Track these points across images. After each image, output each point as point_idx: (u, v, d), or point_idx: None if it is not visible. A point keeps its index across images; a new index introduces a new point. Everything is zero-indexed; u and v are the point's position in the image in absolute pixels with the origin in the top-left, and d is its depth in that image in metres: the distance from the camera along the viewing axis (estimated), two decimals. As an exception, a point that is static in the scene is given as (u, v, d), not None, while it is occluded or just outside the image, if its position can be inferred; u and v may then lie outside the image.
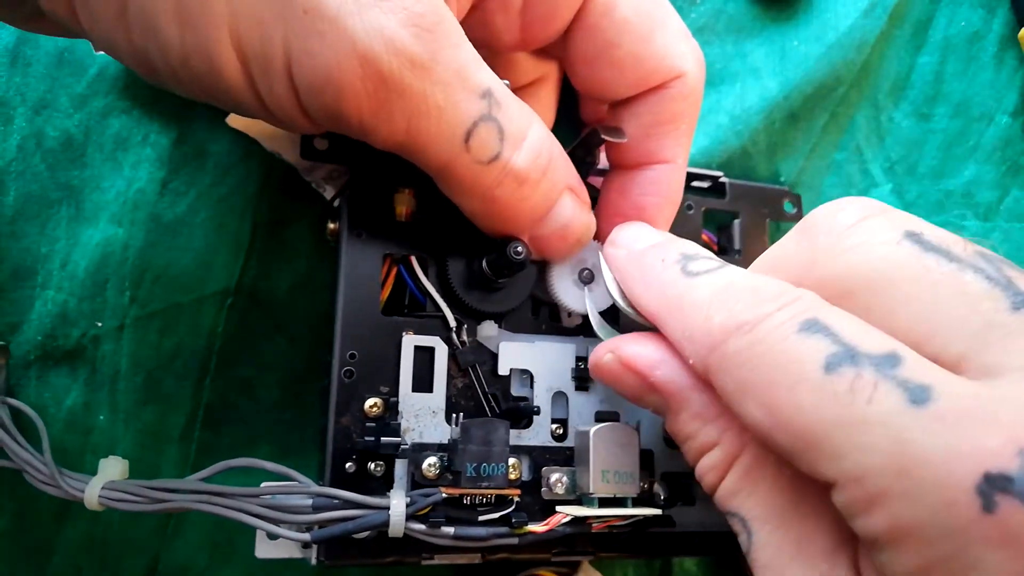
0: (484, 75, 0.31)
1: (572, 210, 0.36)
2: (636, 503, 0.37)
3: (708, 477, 0.30)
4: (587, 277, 0.39)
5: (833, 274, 0.27)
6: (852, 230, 0.28)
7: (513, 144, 0.32)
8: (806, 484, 0.27)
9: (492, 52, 0.40)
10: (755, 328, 0.26)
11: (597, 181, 0.41)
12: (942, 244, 0.26)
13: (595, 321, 0.37)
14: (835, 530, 0.26)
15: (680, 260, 0.32)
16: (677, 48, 0.37)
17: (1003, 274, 0.25)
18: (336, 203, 0.39)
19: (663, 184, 0.38)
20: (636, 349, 0.33)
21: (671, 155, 0.38)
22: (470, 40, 0.31)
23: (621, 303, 0.35)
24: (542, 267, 0.39)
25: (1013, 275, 0.25)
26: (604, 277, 0.36)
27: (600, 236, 0.38)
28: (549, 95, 0.44)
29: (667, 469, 0.40)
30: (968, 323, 0.24)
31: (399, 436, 0.35)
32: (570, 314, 0.40)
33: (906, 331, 0.25)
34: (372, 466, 0.35)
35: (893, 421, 0.22)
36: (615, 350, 0.33)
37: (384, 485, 0.35)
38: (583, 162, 0.40)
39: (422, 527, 0.33)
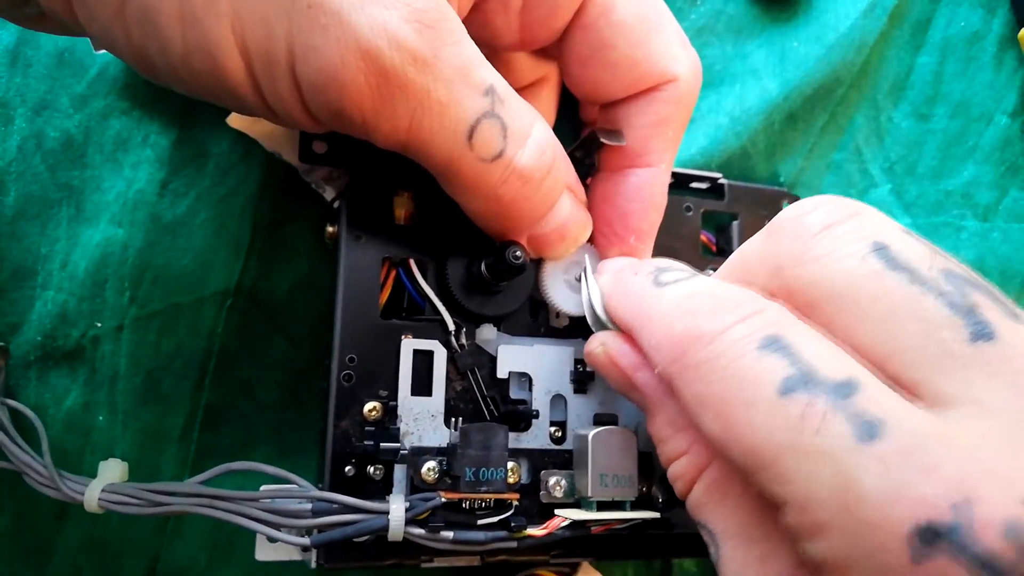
0: (486, 72, 0.31)
1: (570, 209, 0.36)
2: (634, 506, 0.37)
3: (677, 485, 0.31)
4: (580, 278, 0.39)
5: (798, 284, 0.27)
6: (817, 239, 0.27)
7: (517, 142, 0.32)
8: (766, 505, 0.27)
9: (492, 52, 0.40)
10: (714, 341, 0.26)
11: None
12: (908, 262, 0.26)
13: (590, 316, 0.37)
14: (792, 554, 0.26)
15: (653, 272, 0.32)
16: (672, 52, 0.37)
17: (967, 300, 0.24)
18: (335, 206, 0.39)
19: (646, 190, 0.38)
20: (621, 348, 0.33)
21: (657, 159, 0.38)
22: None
23: (603, 316, 0.35)
24: (535, 267, 0.39)
25: (978, 300, 0.24)
26: (588, 291, 0.36)
27: (589, 240, 0.39)
28: (549, 96, 0.44)
29: (665, 473, 0.40)
30: (925, 350, 0.24)
31: (398, 440, 0.35)
32: (558, 314, 0.40)
33: (867, 349, 0.25)
34: (371, 470, 0.35)
35: (839, 455, 0.22)
36: (605, 343, 0.34)
37: (383, 489, 0.35)
38: (581, 164, 0.40)
39: (421, 531, 0.33)
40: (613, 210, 0.38)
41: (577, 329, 0.40)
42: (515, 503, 0.35)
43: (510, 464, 0.36)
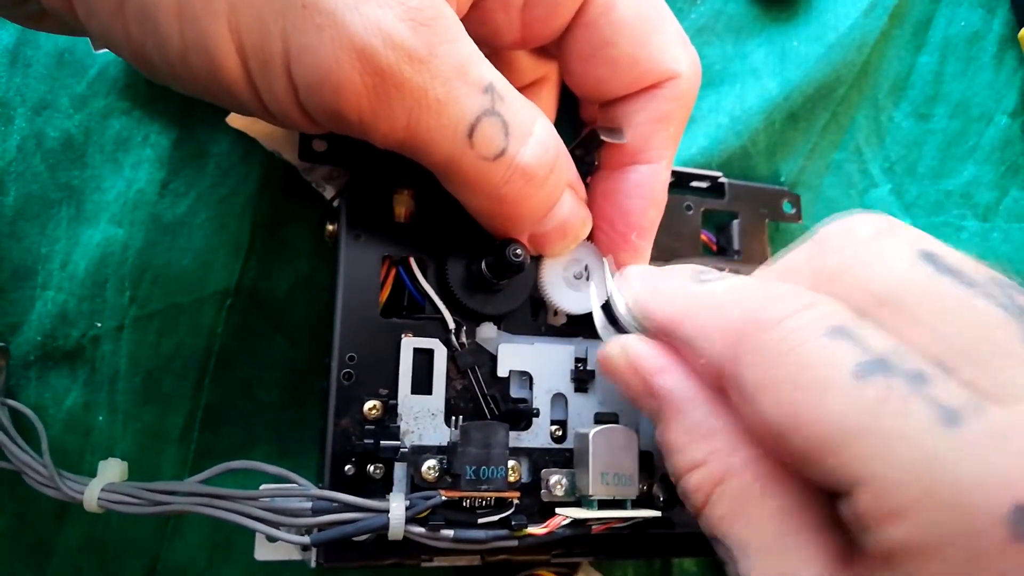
0: (485, 70, 0.31)
1: (571, 207, 0.36)
2: (635, 505, 0.37)
3: (693, 498, 0.29)
4: (579, 276, 0.39)
5: (848, 290, 0.27)
6: (867, 247, 0.27)
7: (519, 139, 0.32)
8: (794, 513, 0.26)
9: (492, 50, 0.40)
10: (779, 325, 0.26)
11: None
12: (957, 266, 0.26)
13: (599, 320, 0.36)
14: (824, 562, 0.25)
15: (692, 274, 0.32)
16: (673, 50, 0.37)
17: (1015, 303, 0.24)
18: (335, 204, 0.39)
19: (647, 186, 0.38)
20: (644, 351, 0.32)
21: (658, 156, 0.38)
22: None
23: (627, 317, 0.34)
24: (534, 265, 0.39)
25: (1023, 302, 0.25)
26: (610, 293, 0.35)
27: (588, 237, 0.39)
28: (549, 96, 0.44)
29: (666, 471, 0.40)
30: (980, 350, 0.24)
31: (398, 439, 0.35)
32: (556, 312, 0.40)
33: (922, 350, 0.25)
34: (371, 469, 0.35)
35: (924, 438, 0.22)
36: (626, 346, 0.33)
37: (383, 488, 0.35)
38: (582, 162, 0.40)
39: (421, 530, 0.33)
40: (614, 207, 0.38)
41: (577, 327, 0.40)
42: (516, 501, 0.35)
43: (511, 463, 0.36)
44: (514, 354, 0.38)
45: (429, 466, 0.35)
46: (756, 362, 0.26)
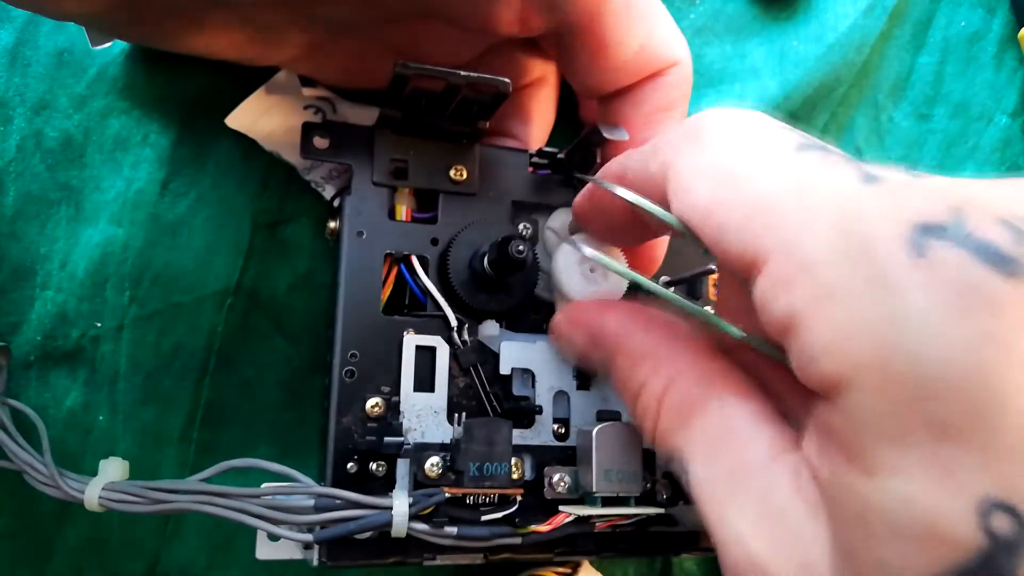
0: None
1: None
2: (639, 502, 0.37)
3: (645, 423, 0.30)
4: (595, 269, 0.38)
5: None
6: None
7: None
8: (735, 410, 0.27)
9: (489, 38, 0.40)
10: (727, 118, 0.27)
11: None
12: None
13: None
14: (769, 449, 0.25)
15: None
16: (673, 36, 0.38)
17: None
18: (336, 202, 0.39)
19: None
20: (582, 305, 0.35)
21: None
22: (466, 26, 0.32)
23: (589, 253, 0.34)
24: (549, 261, 0.39)
25: None
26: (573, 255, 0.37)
27: None
28: (548, 96, 0.44)
29: (669, 468, 0.40)
30: None
31: (401, 436, 0.34)
32: None
33: None
34: (374, 466, 0.35)
35: (842, 192, 0.23)
36: (566, 309, 0.35)
37: (386, 485, 0.35)
38: (583, 161, 0.40)
39: (425, 527, 0.33)
40: None
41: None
42: (519, 499, 0.35)
43: (513, 460, 0.36)
44: (516, 352, 0.38)
45: (432, 463, 0.34)
46: (700, 151, 0.27)
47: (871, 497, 0.21)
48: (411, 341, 0.36)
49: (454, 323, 0.37)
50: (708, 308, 0.32)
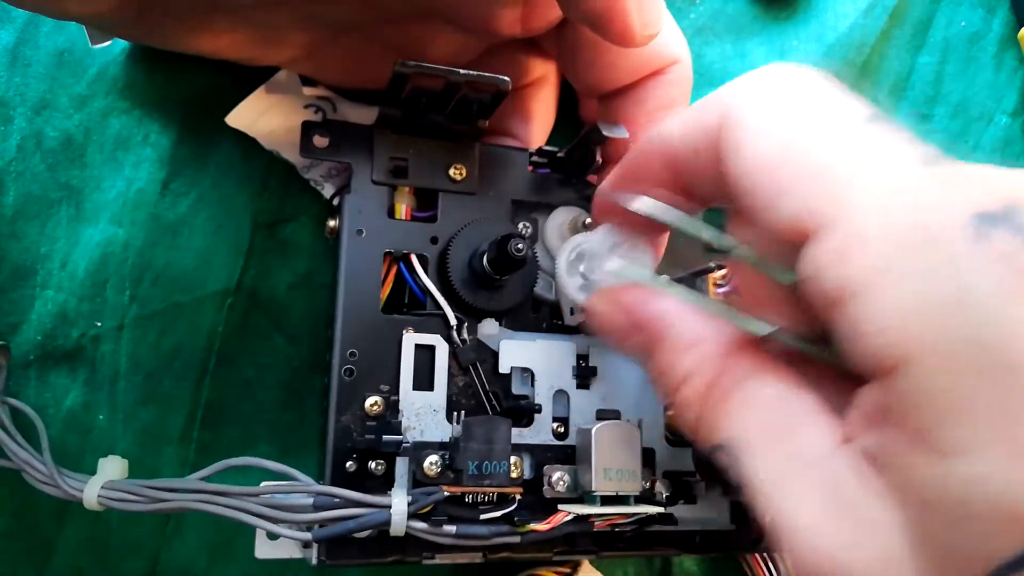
0: None
1: None
2: (638, 501, 0.36)
3: (689, 412, 0.28)
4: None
5: None
6: None
7: None
8: (790, 398, 0.26)
9: (490, 38, 0.40)
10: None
11: (594, 179, 0.41)
12: None
13: (573, 285, 0.36)
14: (828, 435, 0.25)
15: None
16: (674, 35, 0.38)
17: None
18: (336, 201, 0.39)
19: None
20: (626, 288, 0.32)
21: None
22: (467, 26, 0.31)
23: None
24: (550, 263, 0.39)
25: None
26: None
27: None
28: (549, 96, 0.44)
29: (669, 467, 0.40)
30: None
31: (400, 434, 0.34)
32: (573, 312, 0.40)
33: None
34: (373, 465, 0.35)
35: (902, 171, 0.23)
36: (609, 290, 0.33)
37: (385, 484, 0.35)
38: (583, 160, 0.40)
39: (424, 526, 0.33)
40: None
41: (580, 324, 0.40)
42: (518, 498, 0.35)
43: (512, 459, 0.36)
44: (516, 350, 0.38)
45: (431, 462, 0.34)
46: (767, 107, 0.26)
47: (940, 480, 0.20)
48: (410, 340, 0.36)
49: (453, 322, 0.37)
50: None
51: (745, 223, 0.29)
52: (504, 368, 0.38)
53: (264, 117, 0.40)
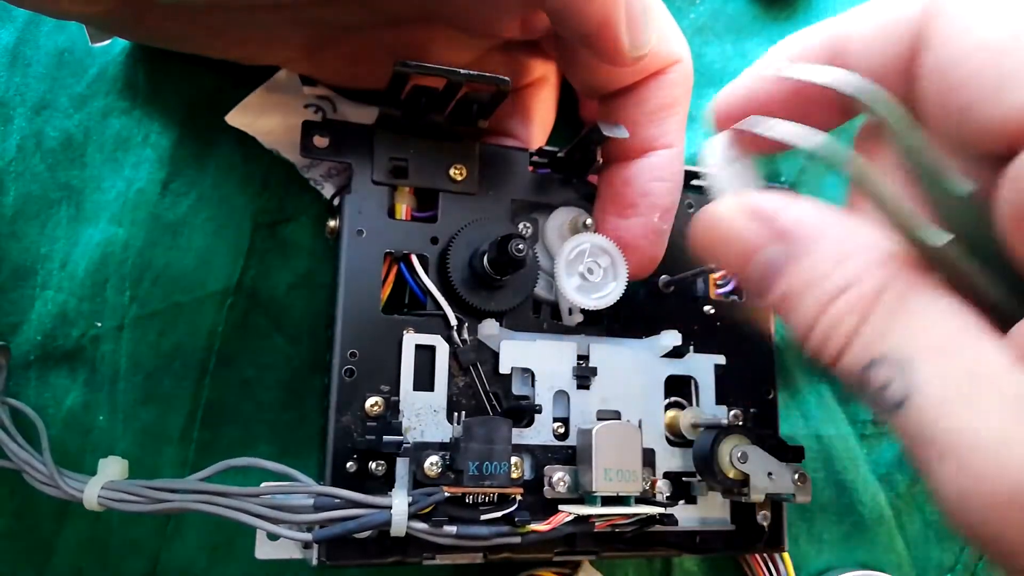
0: None
1: None
2: (638, 501, 0.36)
3: (845, 324, 0.26)
4: (593, 271, 0.38)
5: None
6: None
7: None
8: (961, 312, 0.24)
9: (491, 40, 0.40)
10: None
11: (594, 179, 0.41)
12: None
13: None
14: (1005, 351, 0.23)
15: None
16: (674, 35, 0.38)
17: None
18: (336, 201, 0.39)
19: (668, 169, 0.38)
20: (762, 195, 0.29)
21: (673, 139, 0.38)
22: (470, 29, 0.31)
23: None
24: (550, 263, 0.39)
25: None
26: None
27: (603, 230, 0.38)
28: (549, 96, 0.44)
29: (669, 468, 0.40)
30: None
31: (400, 435, 0.34)
32: (571, 312, 0.40)
33: None
34: (373, 465, 0.35)
35: None
36: (740, 199, 0.29)
37: (385, 485, 0.35)
38: (584, 160, 0.40)
39: (424, 526, 0.33)
40: (635, 191, 0.38)
41: (580, 325, 0.40)
42: (518, 498, 0.35)
43: (513, 459, 0.35)
44: (516, 351, 0.38)
45: (432, 462, 0.34)
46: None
47: None
48: (411, 340, 0.36)
49: (454, 322, 0.37)
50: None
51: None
52: (504, 368, 0.38)
53: (264, 116, 0.40)
